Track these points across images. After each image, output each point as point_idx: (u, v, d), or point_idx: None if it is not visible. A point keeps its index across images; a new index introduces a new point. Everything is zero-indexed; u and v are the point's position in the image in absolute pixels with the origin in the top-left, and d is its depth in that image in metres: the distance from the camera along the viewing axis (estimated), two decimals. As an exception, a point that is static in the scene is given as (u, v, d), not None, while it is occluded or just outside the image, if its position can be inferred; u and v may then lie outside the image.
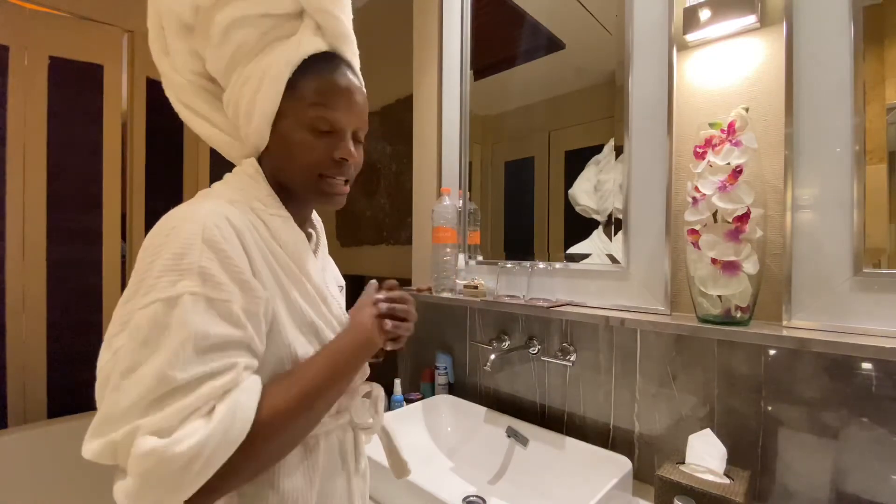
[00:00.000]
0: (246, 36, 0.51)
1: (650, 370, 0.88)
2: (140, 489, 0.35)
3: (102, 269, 1.73)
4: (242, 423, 0.39)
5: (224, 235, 0.43)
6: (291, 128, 0.50)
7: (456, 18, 1.36)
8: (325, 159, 0.51)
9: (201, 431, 0.36)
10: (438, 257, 1.27)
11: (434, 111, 1.44)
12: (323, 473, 0.52)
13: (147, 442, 0.35)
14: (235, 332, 0.41)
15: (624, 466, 0.80)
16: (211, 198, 0.49)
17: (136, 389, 0.37)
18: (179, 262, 0.40)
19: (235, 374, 0.40)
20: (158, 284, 0.39)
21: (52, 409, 1.60)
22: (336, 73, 0.52)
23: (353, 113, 0.53)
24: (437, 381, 1.26)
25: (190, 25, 0.54)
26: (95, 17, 1.69)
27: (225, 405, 0.38)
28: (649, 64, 0.92)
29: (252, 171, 0.53)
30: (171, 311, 0.38)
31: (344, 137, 0.52)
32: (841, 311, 0.70)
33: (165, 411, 0.36)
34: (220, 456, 0.37)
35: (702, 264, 0.78)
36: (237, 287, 0.42)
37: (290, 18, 0.53)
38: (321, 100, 0.50)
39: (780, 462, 0.73)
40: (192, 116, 0.57)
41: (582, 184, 1.07)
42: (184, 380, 0.37)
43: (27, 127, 1.57)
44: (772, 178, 0.80)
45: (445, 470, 1.01)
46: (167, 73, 0.58)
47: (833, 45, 0.72)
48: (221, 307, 0.40)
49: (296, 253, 0.52)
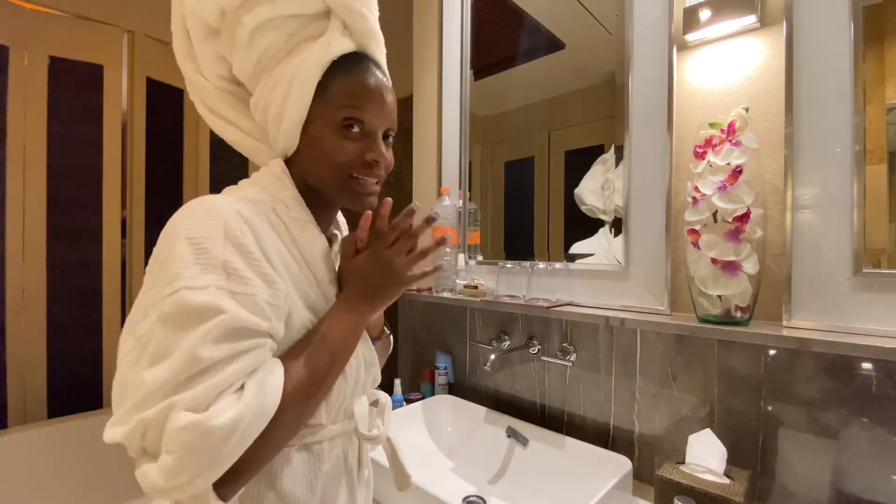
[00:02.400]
0: (273, 38, 0.51)
1: (650, 370, 0.88)
2: (179, 463, 0.35)
3: (102, 270, 1.73)
4: (273, 396, 0.40)
5: (243, 230, 0.44)
6: (322, 130, 0.50)
7: (456, 18, 1.36)
8: (357, 161, 0.51)
9: (237, 406, 0.37)
10: (438, 257, 1.27)
11: (434, 111, 1.44)
12: (326, 481, 0.52)
13: (185, 416, 0.36)
14: (263, 323, 0.42)
15: (624, 466, 0.80)
16: (232, 193, 0.50)
17: (167, 371, 0.37)
18: (203, 256, 0.41)
19: (262, 354, 0.41)
20: (184, 273, 0.40)
21: (52, 409, 1.60)
22: (366, 74, 0.51)
23: (384, 113, 0.52)
24: (437, 381, 1.26)
25: (216, 29, 0.54)
26: (95, 17, 1.69)
27: (255, 381, 0.40)
28: (649, 64, 0.92)
29: (278, 172, 0.52)
30: (199, 297, 0.39)
31: (375, 138, 0.52)
32: (841, 311, 0.70)
33: (197, 388, 0.37)
34: (255, 429, 0.39)
35: (702, 264, 0.78)
36: (261, 280, 0.43)
37: (316, 19, 0.52)
38: (352, 101, 0.50)
39: (780, 462, 0.73)
40: (217, 121, 0.57)
41: (588, 183, 1.07)
42: (213, 359, 0.38)
43: (27, 127, 1.57)
44: (772, 178, 0.80)
45: (445, 470, 1.01)
46: (192, 78, 0.57)
47: (833, 45, 0.72)
48: (247, 301, 0.41)
49: (312, 257, 0.52)
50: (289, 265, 0.49)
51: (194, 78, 0.57)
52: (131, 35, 1.75)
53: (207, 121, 0.58)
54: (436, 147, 1.43)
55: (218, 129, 0.57)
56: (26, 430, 1.47)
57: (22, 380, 1.56)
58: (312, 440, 0.51)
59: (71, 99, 1.65)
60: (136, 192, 1.80)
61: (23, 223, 1.57)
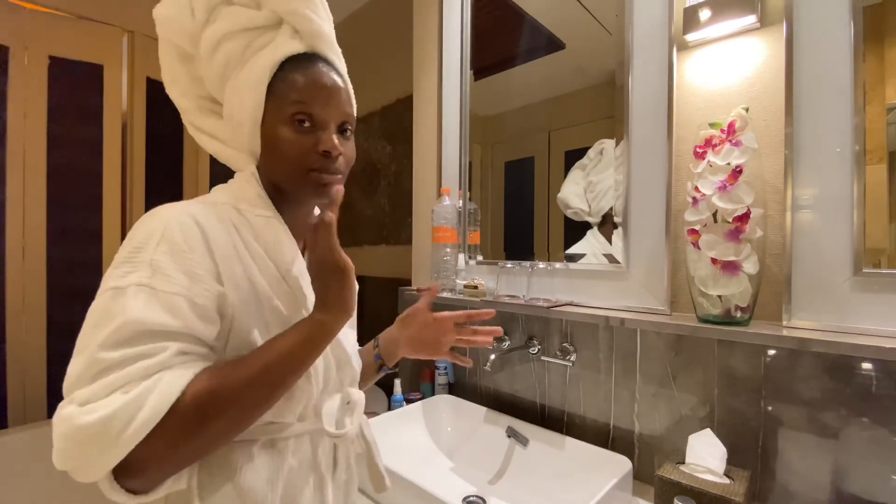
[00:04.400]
0: (231, 49, 0.54)
1: (650, 370, 0.88)
2: (58, 451, 0.38)
3: (102, 270, 1.73)
4: (160, 399, 0.39)
5: (184, 231, 0.45)
6: (275, 127, 0.53)
7: (456, 18, 1.36)
8: (311, 153, 0.52)
9: (114, 404, 0.38)
10: (438, 257, 1.27)
11: (434, 111, 1.44)
12: (289, 478, 0.52)
13: (66, 408, 0.38)
14: (173, 322, 0.42)
15: (624, 466, 0.80)
16: (200, 199, 0.53)
17: (76, 368, 0.40)
18: (136, 256, 0.43)
19: (165, 357, 0.41)
20: (115, 274, 0.43)
21: (52, 409, 1.60)
22: (312, 70, 0.54)
23: (332, 105, 0.54)
24: (437, 381, 1.26)
25: (189, 54, 0.58)
26: (95, 17, 1.69)
27: (147, 382, 0.40)
28: (649, 64, 0.92)
29: (247, 175, 0.56)
30: (117, 299, 0.41)
31: (326, 130, 0.53)
32: (841, 310, 0.70)
33: (95, 384, 0.39)
34: (137, 430, 0.38)
35: (702, 264, 0.78)
36: (187, 279, 0.44)
37: (270, 29, 0.55)
38: (299, 96, 0.52)
39: (780, 462, 0.73)
40: (202, 137, 0.60)
41: (570, 187, 1.09)
42: (113, 360, 0.39)
43: (27, 127, 1.57)
44: (772, 178, 0.80)
45: (445, 470, 1.01)
46: (178, 101, 0.61)
47: (833, 45, 0.72)
48: (164, 298, 0.42)
49: (277, 252, 0.53)
50: (246, 263, 0.50)
51: (180, 101, 0.60)
52: (131, 35, 1.75)
53: (196, 138, 0.61)
54: (436, 147, 1.43)
55: (204, 144, 0.61)
56: (26, 430, 1.47)
57: (22, 380, 1.56)
58: (277, 437, 0.51)
59: (71, 99, 1.65)
60: (136, 192, 1.80)
61: (23, 223, 1.57)
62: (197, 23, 0.55)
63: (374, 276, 1.90)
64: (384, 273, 1.87)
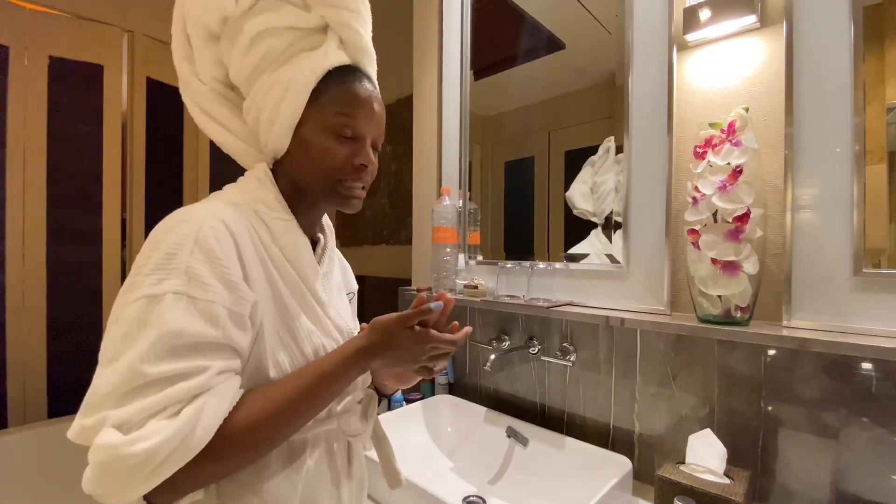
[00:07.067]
0: (272, 46, 0.53)
1: (650, 370, 0.88)
2: (94, 478, 0.37)
3: (102, 270, 1.73)
4: (205, 430, 0.39)
5: (218, 237, 0.44)
6: (314, 134, 0.53)
7: (456, 18, 1.36)
8: (346, 165, 0.54)
9: (160, 434, 0.37)
10: (438, 257, 1.27)
11: (434, 111, 1.44)
12: (308, 478, 0.52)
13: (107, 435, 0.36)
14: (213, 332, 0.41)
15: (624, 466, 0.80)
16: (215, 199, 0.51)
17: (111, 380, 0.38)
18: (169, 262, 0.42)
19: (206, 378, 0.40)
20: (147, 281, 0.41)
21: (52, 409, 1.60)
22: (358, 85, 0.55)
23: (373, 122, 0.55)
24: (437, 380, 1.26)
25: (216, 34, 0.56)
26: (95, 17, 1.69)
27: (191, 409, 0.39)
28: (649, 64, 0.92)
29: (261, 175, 0.55)
30: (153, 307, 0.40)
31: (364, 144, 0.55)
32: (841, 311, 0.70)
33: (133, 406, 0.37)
34: (177, 460, 0.38)
35: (702, 264, 0.78)
36: (224, 287, 0.43)
37: (314, 32, 0.56)
38: (344, 108, 0.53)
39: (780, 462, 0.73)
40: (209, 122, 0.59)
41: (578, 186, 1.08)
42: (154, 375, 0.38)
43: (27, 127, 1.57)
44: (772, 178, 0.80)
45: (445, 470, 1.01)
46: (187, 79, 0.59)
47: (833, 45, 0.72)
48: (203, 307, 0.41)
49: (295, 257, 0.53)
50: (267, 268, 0.50)
51: (190, 79, 0.59)
52: (131, 35, 1.75)
53: (198, 121, 0.60)
54: (436, 147, 1.43)
55: (208, 130, 0.59)
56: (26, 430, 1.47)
57: (22, 380, 1.56)
58: (295, 437, 0.51)
59: (71, 99, 1.65)
60: (136, 193, 1.80)
61: (23, 223, 1.57)
62: (239, 8, 0.54)
63: (374, 275, 1.90)
64: (384, 273, 1.87)
